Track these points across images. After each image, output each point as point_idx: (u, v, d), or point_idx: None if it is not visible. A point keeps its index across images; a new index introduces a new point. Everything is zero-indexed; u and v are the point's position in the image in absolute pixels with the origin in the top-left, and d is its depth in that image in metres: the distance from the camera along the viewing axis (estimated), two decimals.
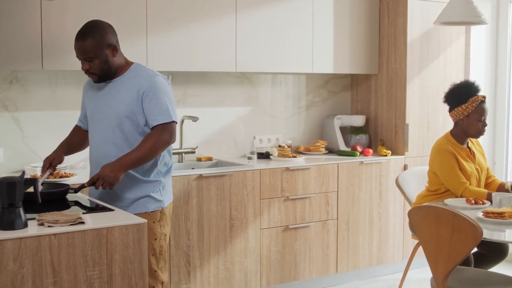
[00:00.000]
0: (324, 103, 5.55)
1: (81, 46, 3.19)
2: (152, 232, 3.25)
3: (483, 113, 4.02)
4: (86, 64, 3.20)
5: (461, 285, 3.37)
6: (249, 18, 4.69)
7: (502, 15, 5.73)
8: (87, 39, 3.17)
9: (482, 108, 4.02)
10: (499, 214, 3.44)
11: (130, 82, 3.24)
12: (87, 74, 3.26)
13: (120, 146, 3.20)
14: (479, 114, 4.01)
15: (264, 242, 4.56)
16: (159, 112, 3.16)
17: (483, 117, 4.02)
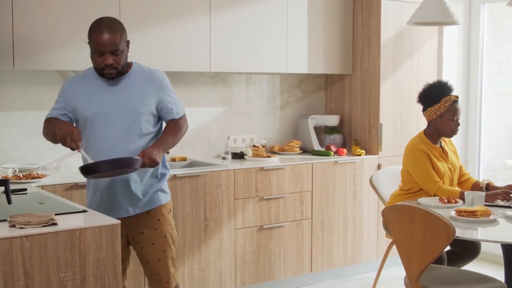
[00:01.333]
0: (299, 103, 5.56)
1: (110, 39, 3.15)
2: (169, 223, 3.39)
3: (456, 112, 4.05)
4: (111, 58, 3.17)
5: (434, 283, 3.40)
6: (223, 18, 4.68)
7: (474, 15, 5.79)
8: (117, 33, 3.18)
9: (455, 108, 4.05)
10: (472, 212, 3.47)
11: (142, 79, 3.31)
12: (104, 69, 3.20)
13: (137, 142, 3.25)
14: (452, 114, 4.04)
15: (238, 242, 4.56)
16: (177, 106, 3.39)
17: (456, 116, 4.06)
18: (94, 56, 3.20)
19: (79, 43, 4.11)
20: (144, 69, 3.39)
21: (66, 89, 3.31)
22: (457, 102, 4.07)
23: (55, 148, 4.35)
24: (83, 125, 3.27)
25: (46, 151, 4.36)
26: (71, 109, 3.28)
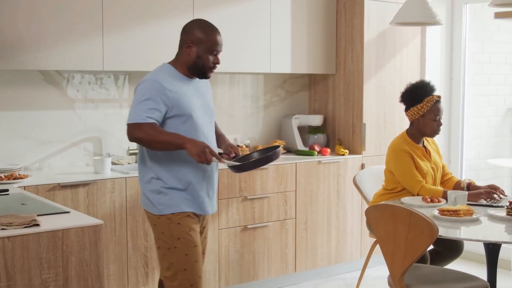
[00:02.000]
0: (282, 103, 5.56)
1: (221, 41, 3.35)
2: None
3: (438, 112, 4.07)
4: (218, 59, 3.35)
5: (418, 282, 3.41)
6: (206, 18, 4.64)
7: (457, 16, 5.82)
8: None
9: (437, 107, 4.07)
10: (454, 212, 3.49)
11: (202, 82, 3.45)
12: (212, 69, 3.34)
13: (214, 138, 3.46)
14: (434, 113, 4.06)
15: (222, 242, 4.55)
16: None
17: (438, 116, 4.07)
18: (206, 55, 3.28)
19: (63, 43, 4.09)
20: None
21: (163, 88, 3.18)
22: (439, 102, 4.09)
23: (37, 148, 4.35)
24: (181, 122, 3.22)
25: (28, 151, 4.34)
26: (167, 108, 3.18)
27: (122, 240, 4.12)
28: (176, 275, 3.22)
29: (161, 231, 3.24)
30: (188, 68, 3.31)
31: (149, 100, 3.13)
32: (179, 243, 3.21)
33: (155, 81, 3.18)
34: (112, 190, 4.06)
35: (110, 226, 4.06)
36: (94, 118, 4.61)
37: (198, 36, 3.27)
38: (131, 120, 3.13)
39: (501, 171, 6.58)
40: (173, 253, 3.22)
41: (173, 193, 3.23)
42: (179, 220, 3.22)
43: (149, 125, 3.10)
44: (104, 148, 4.64)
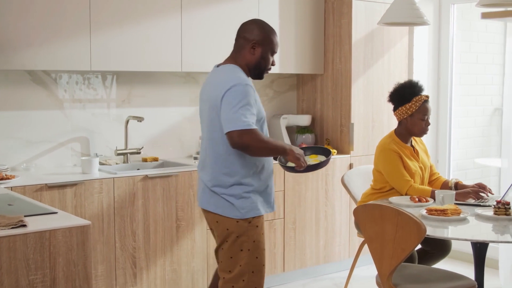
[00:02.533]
0: (270, 102, 5.56)
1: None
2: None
3: (426, 112, 4.08)
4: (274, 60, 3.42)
5: (406, 281, 3.42)
6: (194, 18, 4.66)
7: (444, 16, 5.84)
8: None
9: (425, 107, 4.08)
10: (442, 211, 3.50)
11: None
12: (268, 70, 3.41)
13: None
14: (422, 113, 4.07)
15: (211, 242, 4.54)
16: None
17: (426, 116, 4.09)
18: (268, 55, 3.35)
19: (50, 43, 4.07)
20: None
21: (254, 92, 3.24)
22: (427, 102, 4.10)
23: (24, 148, 4.33)
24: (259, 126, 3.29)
25: (15, 151, 4.32)
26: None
27: (110, 241, 4.10)
28: (243, 277, 3.26)
29: (237, 234, 3.26)
30: (249, 68, 3.35)
31: (248, 105, 3.15)
32: (253, 246, 3.27)
33: (248, 86, 3.20)
34: (100, 191, 4.05)
35: (98, 227, 4.04)
36: (81, 118, 4.59)
37: (263, 37, 3.32)
38: (239, 126, 3.09)
39: (488, 170, 6.62)
40: (244, 256, 3.26)
41: (254, 197, 3.28)
42: (257, 223, 3.30)
43: (256, 132, 3.13)
44: (92, 148, 4.62)
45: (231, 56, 3.41)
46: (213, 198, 3.29)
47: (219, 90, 3.19)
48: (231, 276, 3.28)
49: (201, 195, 3.38)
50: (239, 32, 3.40)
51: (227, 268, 3.30)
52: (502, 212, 3.51)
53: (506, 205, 3.53)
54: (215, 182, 3.28)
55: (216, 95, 3.21)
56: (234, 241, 3.27)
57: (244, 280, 3.26)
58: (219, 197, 3.27)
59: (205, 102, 3.35)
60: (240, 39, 3.37)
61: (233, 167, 3.25)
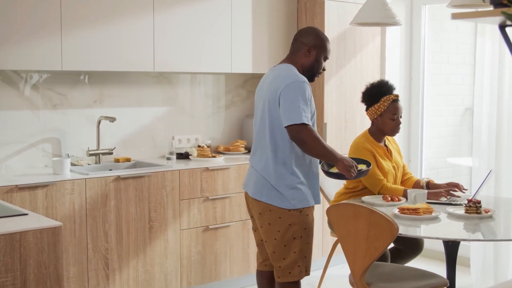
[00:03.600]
0: (244, 102, 5.55)
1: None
2: None
3: (395, 111, 4.11)
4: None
5: (378, 280, 3.44)
6: (167, 18, 4.64)
7: (416, 16, 5.88)
8: None
9: (395, 106, 4.11)
10: (414, 210, 3.53)
11: None
12: (319, 74, 3.66)
13: None
14: (391, 112, 4.10)
15: (184, 243, 4.53)
16: None
17: (395, 115, 4.11)
18: (321, 59, 3.61)
19: (20, 43, 4.02)
20: None
21: (309, 89, 3.50)
22: (396, 101, 4.12)
23: None
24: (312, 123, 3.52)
25: None
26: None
27: (82, 242, 4.07)
28: (297, 262, 3.54)
29: (289, 222, 3.50)
30: (303, 70, 3.58)
31: (307, 103, 3.44)
32: (305, 233, 3.54)
33: (305, 83, 3.47)
34: (71, 192, 4.01)
35: (69, 228, 4.01)
36: (52, 118, 4.54)
37: (318, 42, 3.59)
38: (298, 121, 3.36)
39: (460, 169, 6.68)
40: (298, 243, 3.52)
41: (305, 189, 3.53)
42: (308, 212, 3.57)
43: (311, 129, 3.41)
44: (63, 149, 4.58)
45: (287, 57, 3.66)
46: (266, 189, 3.52)
47: (278, 84, 3.45)
48: (287, 263, 3.54)
49: (253, 185, 3.59)
50: (296, 37, 3.67)
51: (281, 256, 3.55)
52: (473, 211, 3.55)
53: (477, 203, 3.57)
54: (267, 171, 3.51)
55: (274, 88, 3.46)
56: (287, 229, 3.51)
57: (299, 266, 3.55)
58: (271, 187, 3.50)
59: (262, 98, 3.59)
60: (296, 43, 3.63)
61: (287, 159, 3.48)
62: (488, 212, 3.56)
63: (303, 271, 3.57)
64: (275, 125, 3.47)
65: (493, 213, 3.58)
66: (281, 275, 3.57)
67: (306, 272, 3.60)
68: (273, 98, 3.45)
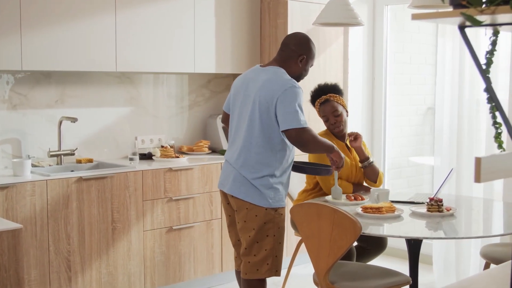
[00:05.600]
0: (207, 102, 5.54)
1: None
2: None
3: (324, 113, 4.21)
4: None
5: (342, 279, 3.45)
6: (129, 17, 4.61)
7: (378, 17, 5.93)
8: None
9: (322, 109, 4.22)
10: (377, 209, 3.56)
11: None
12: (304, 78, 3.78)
13: None
14: (321, 115, 4.24)
15: (147, 244, 4.50)
16: None
17: (325, 117, 4.20)
18: (308, 68, 3.75)
19: None
20: None
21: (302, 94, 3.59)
22: (324, 103, 4.19)
23: None
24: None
25: None
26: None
27: (43, 244, 4.01)
28: (267, 260, 3.61)
29: (264, 221, 3.59)
30: (291, 76, 3.64)
31: (301, 106, 3.54)
32: (278, 233, 3.64)
33: (300, 89, 3.57)
34: (32, 193, 3.95)
35: (30, 230, 3.95)
36: (12, 119, 4.47)
37: (311, 53, 3.71)
38: (300, 124, 3.49)
39: (422, 168, 6.75)
40: (270, 241, 3.61)
41: (282, 188, 3.66)
42: (282, 212, 3.68)
43: (311, 130, 3.54)
44: (24, 150, 4.51)
45: (276, 60, 3.71)
46: (244, 187, 3.59)
47: (274, 88, 3.53)
48: (256, 259, 3.62)
49: (232, 182, 3.64)
50: (287, 42, 3.73)
51: (252, 252, 3.62)
52: (435, 209, 3.59)
53: (438, 202, 3.61)
54: (249, 169, 3.59)
55: (270, 91, 3.53)
56: (261, 227, 3.59)
57: (268, 264, 3.62)
58: (250, 184, 3.58)
59: (249, 97, 3.61)
60: (288, 49, 3.69)
61: (272, 160, 3.58)
62: (449, 210, 3.61)
63: (271, 270, 3.63)
64: (266, 127, 3.55)
65: (454, 211, 3.63)
66: (248, 272, 3.63)
67: (276, 272, 3.65)
68: (268, 101, 3.52)
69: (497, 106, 1.79)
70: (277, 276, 3.67)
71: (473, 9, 1.66)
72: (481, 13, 1.65)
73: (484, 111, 4.90)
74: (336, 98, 4.20)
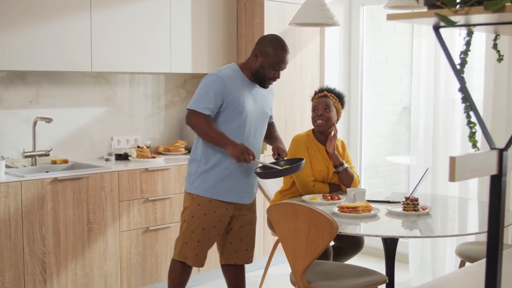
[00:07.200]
0: (183, 102, 5.52)
1: (286, 59, 3.79)
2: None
3: (316, 104, 4.22)
4: (279, 74, 3.78)
5: (319, 278, 3.46)
6: (104, 16, 4.57)
7: (354, 17, 5.95)
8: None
9: (316, 101, 4.23)
10: (353, 208, 3.57)
11: (268, 91, 3.90)
12: (270, 81, 3.78)
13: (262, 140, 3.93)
14: (313, 105, 4.24)
15: (124, 245, 4.47)
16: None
17: (315, 107, 4.22)
18: (269, 68, 3.72)
19: None
20: None
21: (225, 84, 3.64)
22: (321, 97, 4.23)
23: None
24: (231, 119, 3.69)
25: None
26: (221, 103, 3.65)
27: (17, 246, 3.97)
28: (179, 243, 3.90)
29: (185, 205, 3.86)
30: (251, 73, 3.76)
31: (209, 92, 3.61)
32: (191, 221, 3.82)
33: (219, 77, 3.65)
34: (6, 194, 3.91)
35: (4, 232, 3.90)
36: None
37: (267, 50, 3.72)
38: (191, 106, 3.64)
39: (398, 168, 6.79)
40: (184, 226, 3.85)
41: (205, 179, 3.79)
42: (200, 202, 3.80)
43: (204, 116, 3.61)
44: None
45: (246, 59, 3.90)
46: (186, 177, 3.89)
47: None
48: (177, 238, 3.90)
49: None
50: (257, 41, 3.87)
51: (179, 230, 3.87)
52: (410, 208, 3.61)
53: (414, 201, 3.63)
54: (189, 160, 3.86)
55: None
56: (183, 210, 3.85)
57: (179, 246, 3.83)
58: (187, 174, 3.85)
59: None
60: (254, 47, 3.81)
61: (197, 145, 3.79)
62: (425, 209, 3.63)
63: (181, 255, 3.83)
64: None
65: (430, 210, 3.65)
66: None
67: (186, 259, 3.82)
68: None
69: (471, 105, 1.80)
70: (189, 264, 3.83)
71: (447, 10, 1.67)
72: (455, 13, 1.66)
73: (459, 110, 4.94)
74: (334, 100, 4.20)
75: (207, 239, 3.81)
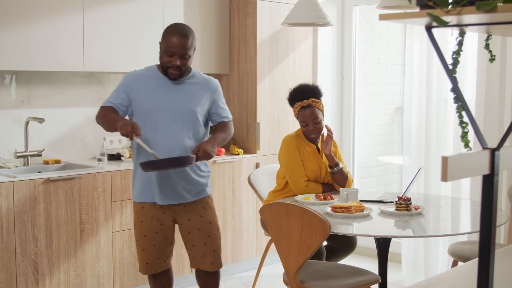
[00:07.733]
0: None
1: (183, 43, 3.48)
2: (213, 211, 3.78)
3: (304, 118, 4.13)
4: (179, 60, 3.50)
5: (312, 278, 3.46)
6: (97, 16, 4.56)
7: (347, 17, 5.96)
8: (188, 38, 3.51)
9: (303, 114, 4.13)
10: (346, 208, 3.57)
11: (200, 84, 3.67)
12: (170, 69, 3.53)
13: (191, 139, 3.62)
14: (300, 120, 4.16)
15: (116, 245, 4.46)
16: (227, 111, 3.79)
17: (304, 122, 4.13)
18: (163, 55, 3.54)
19: None
20: (202, 75, 3.75)
21: (129, 81, 3.60)
22: (305, 108, 4.12)
23: None
24: (141, 117, 3.55)
25: None
26: (128, 101, 3.58)
27: (10, 247, 3.96)
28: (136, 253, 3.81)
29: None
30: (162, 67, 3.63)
31: (118, 88, 3.60)
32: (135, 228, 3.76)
33: (129, 75, 3.64)
34: None
35: None
36: None
37: (162, 38, 3.56)
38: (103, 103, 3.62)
39: (391, 167, 6.81)
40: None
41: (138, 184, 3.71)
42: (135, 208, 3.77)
43: (105, 108, 3.55)
44: None
45: None
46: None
47: None
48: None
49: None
50: None
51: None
52: (403, 208, 3.61)
53: (407, 201, 3.63)
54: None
55: None
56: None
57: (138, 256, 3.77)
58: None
59: None
60: None
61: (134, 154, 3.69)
62: (418, 209, 3.63)
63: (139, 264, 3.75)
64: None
65: (422, 209, 3.66)
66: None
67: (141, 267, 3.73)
68: None
69: (463, 105, 1.81)
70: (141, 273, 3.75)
71: (439, 10, 1.67)
72: (448, 13, 1.66)
73: (452, 110, 4.95)
74: (317, 104, 4.13)
75: (152, 245, 3.67)
